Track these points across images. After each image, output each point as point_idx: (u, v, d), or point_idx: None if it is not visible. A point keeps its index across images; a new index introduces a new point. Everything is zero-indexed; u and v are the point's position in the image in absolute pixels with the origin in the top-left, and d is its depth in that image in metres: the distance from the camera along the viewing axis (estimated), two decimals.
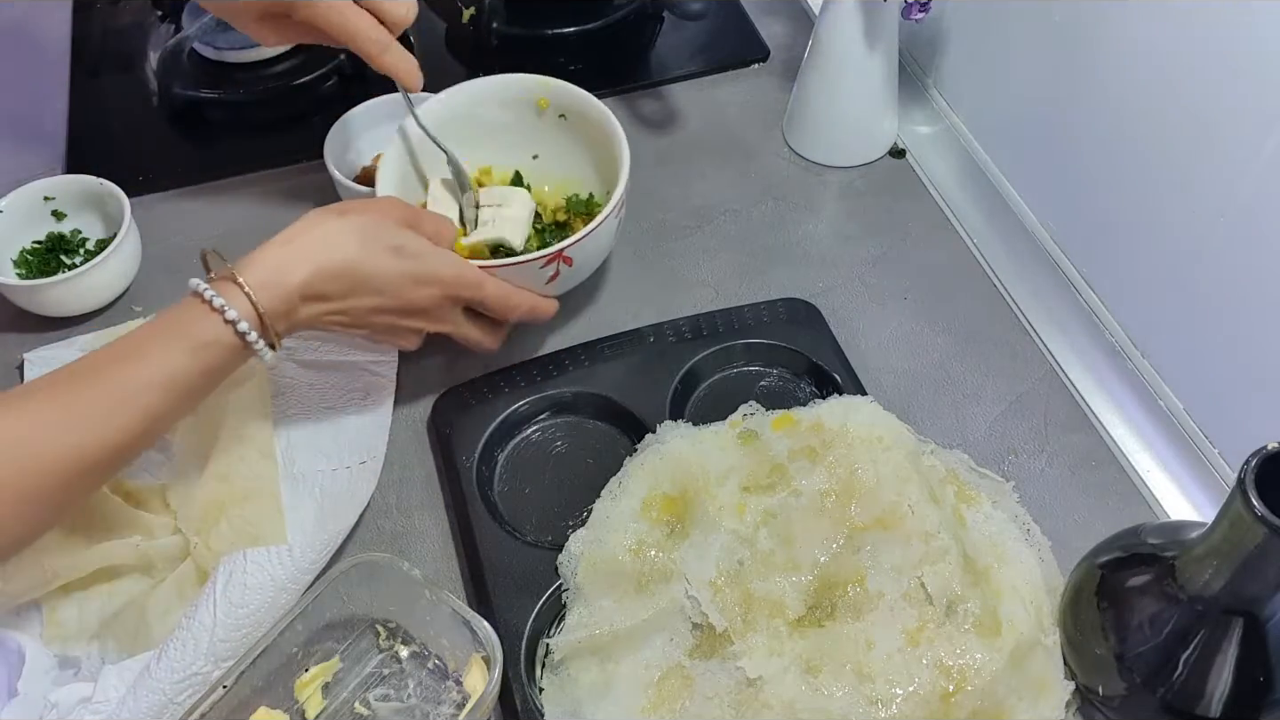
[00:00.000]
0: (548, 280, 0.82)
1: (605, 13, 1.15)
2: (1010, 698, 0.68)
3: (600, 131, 0.89)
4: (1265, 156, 0.72)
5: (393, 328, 0.78)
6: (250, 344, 0.69)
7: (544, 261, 0.80)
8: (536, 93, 0.92)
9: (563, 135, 0.93)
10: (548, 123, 0.93)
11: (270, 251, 0.70)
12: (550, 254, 0.80)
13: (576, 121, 0.92)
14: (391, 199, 0.79)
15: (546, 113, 0.92)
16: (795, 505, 0.74)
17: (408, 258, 0.74)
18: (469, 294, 0.78)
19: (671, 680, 0.70)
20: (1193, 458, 0.83)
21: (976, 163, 1.04)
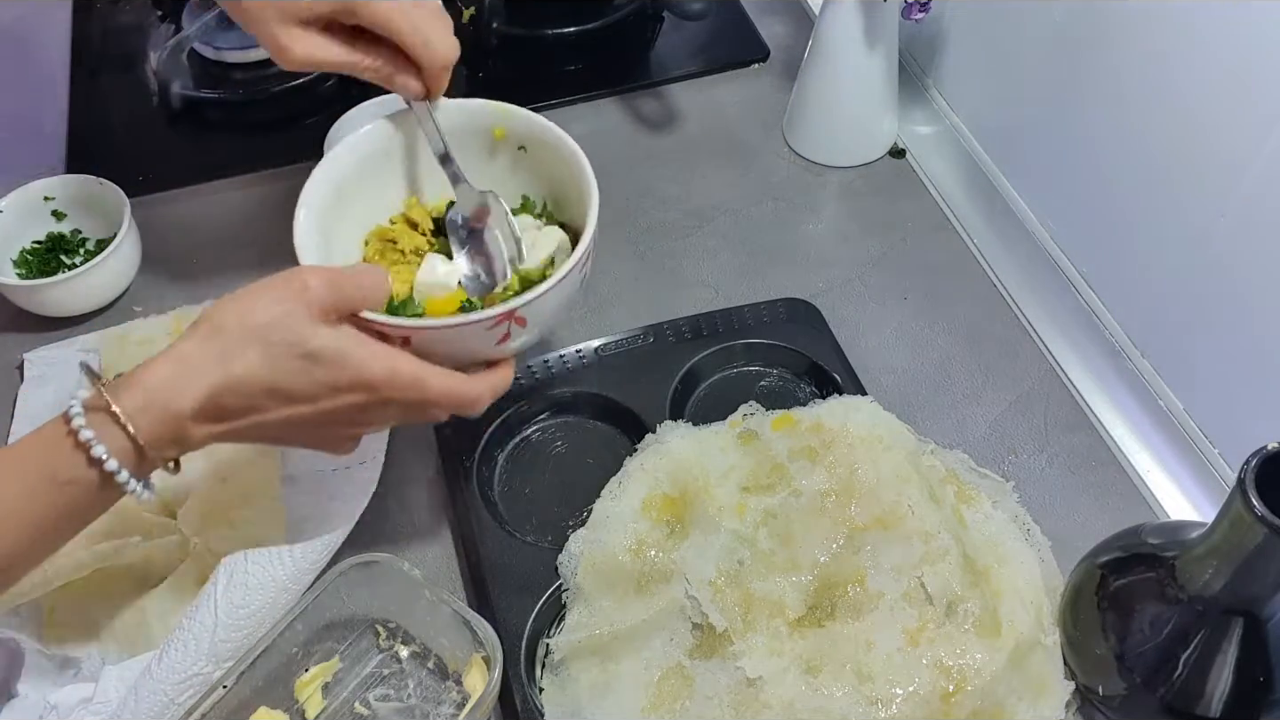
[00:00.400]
0: (496, 342, 0.67)
1: (605, 12, 1.15)
2: (1010, 698, 0.68)
3: (565, 169, 0.75)
4: (1265, 156, 0.72)
5: (318, 439, 0.66)
6: (120, 484, 0.58)
7: (492, 322, 0.65)
8: (492, 121, 0.79)
9: (521, 171, 0.79)
10: (504, 156, 0.80)
11: (156, 368, 0.59)
12: (499, 314, 0.65)
13: (538, 156, 0.78)
14: (304, 278, 0.61)
15: (502, 144, 0.79)
16: (795, 505, 0.74)
17: (323, 364, 0.60)
18: (405, 396, 0.64)
19: (671, 680, 0.70)
20: (1193, 458, 0.83)
21: (976, 163, 1.04)
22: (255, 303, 0.60)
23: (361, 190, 0.76)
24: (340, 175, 0.75)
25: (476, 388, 0.67)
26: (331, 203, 0.74)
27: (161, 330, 0.90)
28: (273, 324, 0.60)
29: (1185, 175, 0.79)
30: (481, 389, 0.67)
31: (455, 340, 0.66)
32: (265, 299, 0.60)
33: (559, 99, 1.11)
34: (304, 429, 0.63)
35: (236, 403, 0.60)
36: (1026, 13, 0.93)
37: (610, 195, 1.03)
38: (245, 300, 0.61)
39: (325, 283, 0.61)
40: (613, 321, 0.92)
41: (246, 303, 0.60)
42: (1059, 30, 0.89)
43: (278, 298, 0.60)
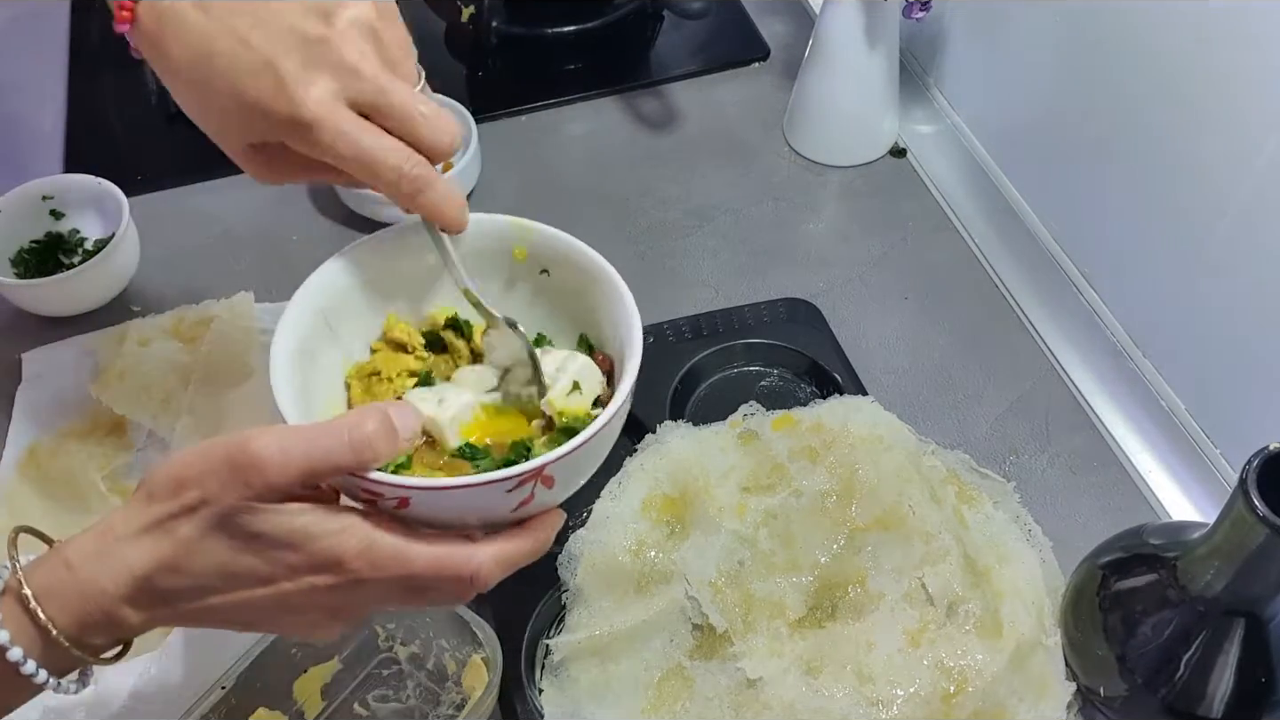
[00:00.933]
0: (516, 506, 0.54)
1: (605, 11, 1.15)
2: (1011, 699, 0.68)
3: (598, 296, 0.63)
4: (1266, 156, 0.71)
5: (287, 625, 0.55)
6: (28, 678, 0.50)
7: (514, 483, 0.52)
8: (511, 239, 0.66)
9: (543, 297, 0.67)
10: (524, 279, 0.67)
11: (81, 543, 0.51)
12: (524, 473, 0.52)
13: (564, 281, 0.65)
14: (254, 453, 0.48)
15: (523, 266, 0.67)
16: (796, 506, 0.74)
17: (278, 545, 0.50)
18: (384, 574, 0.52)
19: (671, 681, 0.70)
20: (1194, 458, 0.83)
21: (977, 162, 1.04)
22: (197, 473, 0.49)
23: (344, 320, 0.65)
24: (322, 305, 0.63)
25: (476, 559, 0.53)
26: (313, 337, 0.63)
27: (159, 330, 0.90)
28: (214, 501, 0.49)
29: (1186, 175, 0.79)
30: (482, 561, 0.53)
31: (465, 503, 0.54)
32: (209, 474, 0.49)
33: (559, 98, 1.11)
34: (265, 614, 0.52)
35: (176, 584, 0.50)
36: (1028, 12, 0.92)
37: (610, 195, 1.04)
38: (185, 468, 0.50)
39: (279, 460, 0.49)
40: None
41: (187, 471, 0.50)
42: (1060, 30, 0.89)
43: (221, 479, 0.49)
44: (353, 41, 0.56)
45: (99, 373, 0.87)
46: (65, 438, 0.83)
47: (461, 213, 0.62)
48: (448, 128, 0.59)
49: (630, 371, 0.59)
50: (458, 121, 0.61)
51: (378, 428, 0.51)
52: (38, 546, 0.54)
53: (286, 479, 0.49)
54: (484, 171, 1.02)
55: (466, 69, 1.16)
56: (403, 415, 0.52)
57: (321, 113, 0.55)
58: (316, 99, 0.55)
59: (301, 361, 0.61)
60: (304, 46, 0.55)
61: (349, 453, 0.50)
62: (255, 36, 0.56)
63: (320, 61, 0.56)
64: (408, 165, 0.58)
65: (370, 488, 0.52)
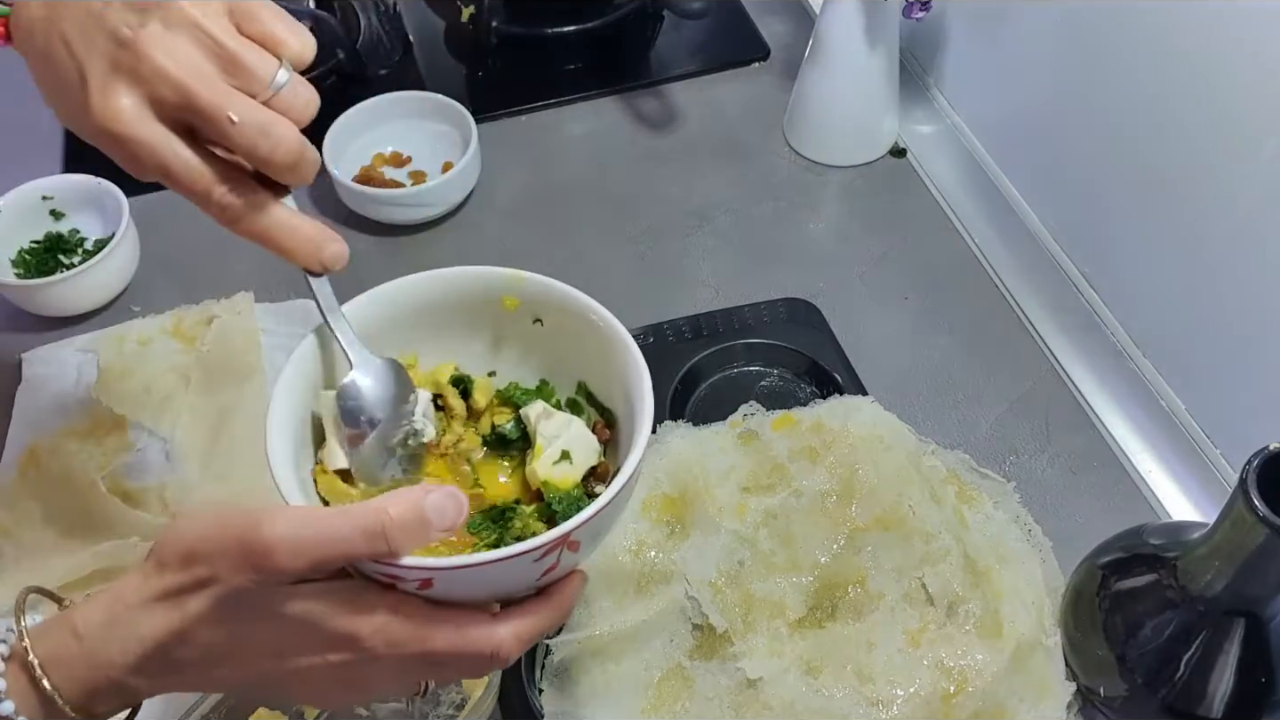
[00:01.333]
0: (541, 575, 0.52)
1: (605, 11, 1.15)
2: (1011, 699, 0.68)
3: (597, 343, 0.60)
4: (1266, 156, 0.71)
5: (302, 696, 0.55)
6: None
7: (541, 552, 0.50)
8: (500, 289, 0.61)
9: (538, 346, 0.63)
10: (515, 329, 0.63)
11: (91, 611, 0.50)
12: (551, 541, 0.50)
13: (559, 328, 0.62)
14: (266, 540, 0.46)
15: (513, 315, 0.63)
16: (796, 506, 0.74)
17: (292, 626, 0.48)
18: (401, 652, 0.50)
19: (671, 681, 0.70)
20: (1194, 458, 0.83)
21: (977, 162, 1.04)
22: (208, 548, 0.48)
23: None
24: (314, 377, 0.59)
25: (497, 636, 0.51)
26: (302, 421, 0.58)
27: (159, 330, 0.90)
28: (223, 580, 0.48)
29: (1187, 175, 0.79)
30: (504, 638, 0.51)
31: (491, 578, 0.51)
32: (220, 553, 0.47)
33: (559, 98, 1.11)
34: (276, 685, 0.51)
35: (187, 655, 0.49)
36: (1028, 11, 0.92)
37: (610, 195, 1.04)
38: (198, 540, 0.48)
39: (290, 547, 0.46)
40: None
41: (199, 545, 0.48)
42: (1060, 29, 0.89)
43: (232, 560, 0.47)
44: (162, 43, 0.50)
45: (99, 373, 0.87)
46: (65, 438, 0.83)
47: (310, 249, 0.55)
48: (271, 134, 0.52)
49: (645, 420, 0.55)
50: (293, 129, 0.53)
51: (402, 515, 0.47)
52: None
53: (297, 567, 0.47)
54: (484, 172, 1.02)
55: (466, 69, 1.16)
56: (440, 503, 0.48)
57: (122, 126, 0.51)
58: (116, 110, 0.51)
59: (304, 435, 0.58)
60: (113, 52, 0.51)
61: (364, 542, 0.47)
62: (76, 41, 0.52)
63: (123, 67, 0.51)
64: (216, 189, 0.52)
65: (389, 572, 0.49)
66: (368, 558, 0.47)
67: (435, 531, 0.48)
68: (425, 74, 1.15)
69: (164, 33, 0.51)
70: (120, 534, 0.76)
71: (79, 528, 0.77)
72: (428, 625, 0.49)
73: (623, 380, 0.59)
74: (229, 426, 0.82)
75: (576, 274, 0.94)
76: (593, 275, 0.95)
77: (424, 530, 0.47)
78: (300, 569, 0.47)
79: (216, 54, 0.51)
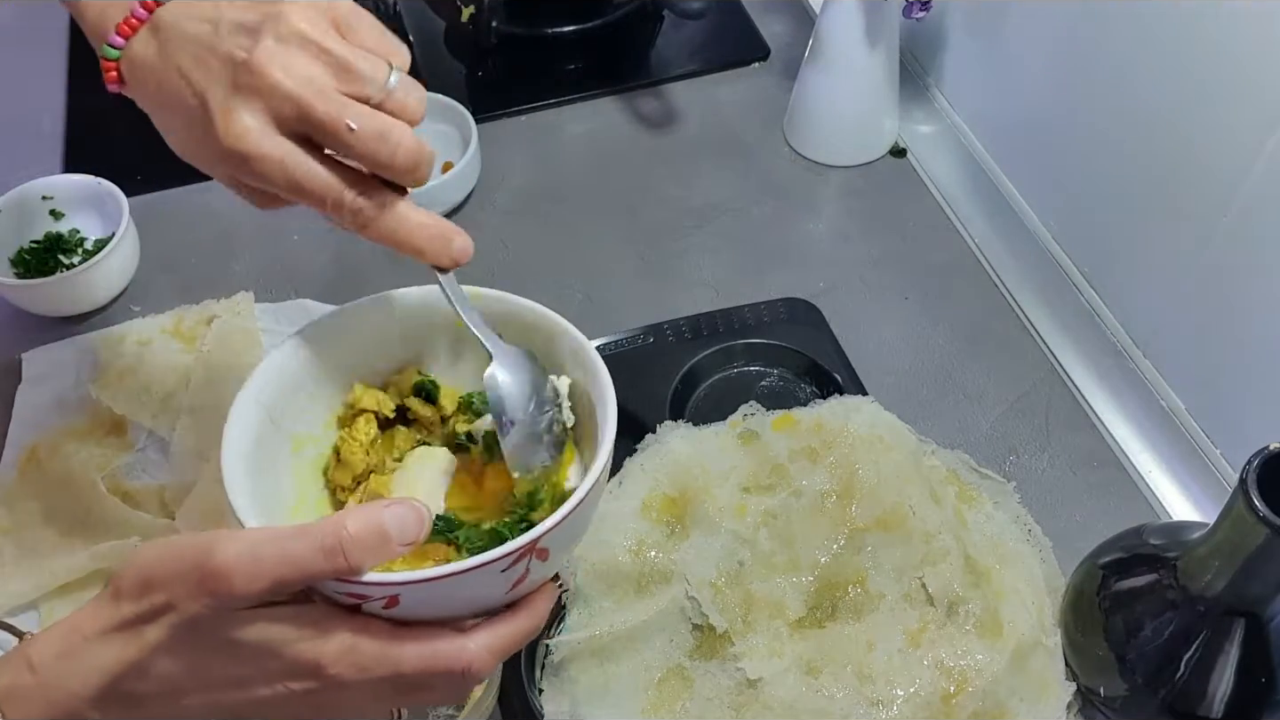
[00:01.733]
0: (511, 586, 0.51)
1: (605, 11, 1.15)
2: (1011, 699, 0.68)
3: (560, 354, 0.60)
4: (1267, 155, 0.71)
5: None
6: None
7: (509, 560, 0.49)
8: (447, 310, 0.59)
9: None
10: (473, 347, 0.62)
11: (46, 642, 0.48)
12: (519, 549, 0.49)
13: (518, 342, 0.60)
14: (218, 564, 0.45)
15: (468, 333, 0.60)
16: (796, 506, 0.74)
17: (250, 653, 0.47)
18: (369, 676, 0.48)
19: (671, 681, 0.70)
20: (1194, 458, 0.83)
21: (977, 162, 1.04)
22: (164, 574, 0.47)
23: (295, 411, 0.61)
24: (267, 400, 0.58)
25: (468, 651, 0.49)
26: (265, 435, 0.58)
27: (159, 330, 0.90)
28: (180, 607, 0.46)
29: (1187, 173, 0.79)
30: (475, 652, 0.49)
31: (459, 591, 0.49)
32: (175, 578, 0.46)
33: (559, 98, 1.11)
34: (243, 716, 0.49)
35: (146, 688, 0.48)
36: (1028, 11, 0.92)
37: (610, 195, 1.04)
38: (153, 567, 0.47)
39: (246, 569, 0.45)
40: (613, 321, 0.91)
41: (154, 572, 0.47)
42: (1060, 29, 0.89)
43: (188, 586, 0.46)
44: (275, 58, 0.52)
45: (99, 373, 0.87)
46: (65, 438, 0.83)
47: (441, 245, 0.55)
48: (389, 139, 0.52)
49: (609, 424, 0.55)
50: (409, 131, 0.54)
51: (360, 531, 0.46)
52: None
53: (254, 590, 0.45)
54: (484, 172, 1.02)
55: (466, 69, 1.16)
56: (400, 516, 0.47)
57: (250, 143, 0.52)
58: (242, 128, 0.52)
59: (260, 459, 0.57)
60: (230, 73, 0.52)
61: (323, 560, 0.45)
62: (192, 70, 0.53)
63: (243, 87, 0.52)
64: (346, 196, 0.53)
65: (352, 591, 0.47)
66: (329, 576, 0.46)
67: (397, 546, 0.47)
68: (425, 74, 1.15)
69: (277, 48, 0.52)
70: (120, 534, 0.76)
71: (79, 528, 0.77)
72: (394, 645, 0.48)
73: (585, 386, 0.59)
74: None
75: (576, 274, 0.96)
76: (593, 275, 0.96)
77: (385, 545, 0.46)
78: (258, 592, 0.46)
79: (329, 62, 0.52)
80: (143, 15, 0.55)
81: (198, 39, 0.53)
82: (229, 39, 0.52)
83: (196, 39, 0.53)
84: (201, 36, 0.53)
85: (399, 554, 0.47)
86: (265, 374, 0.58)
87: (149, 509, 0.79)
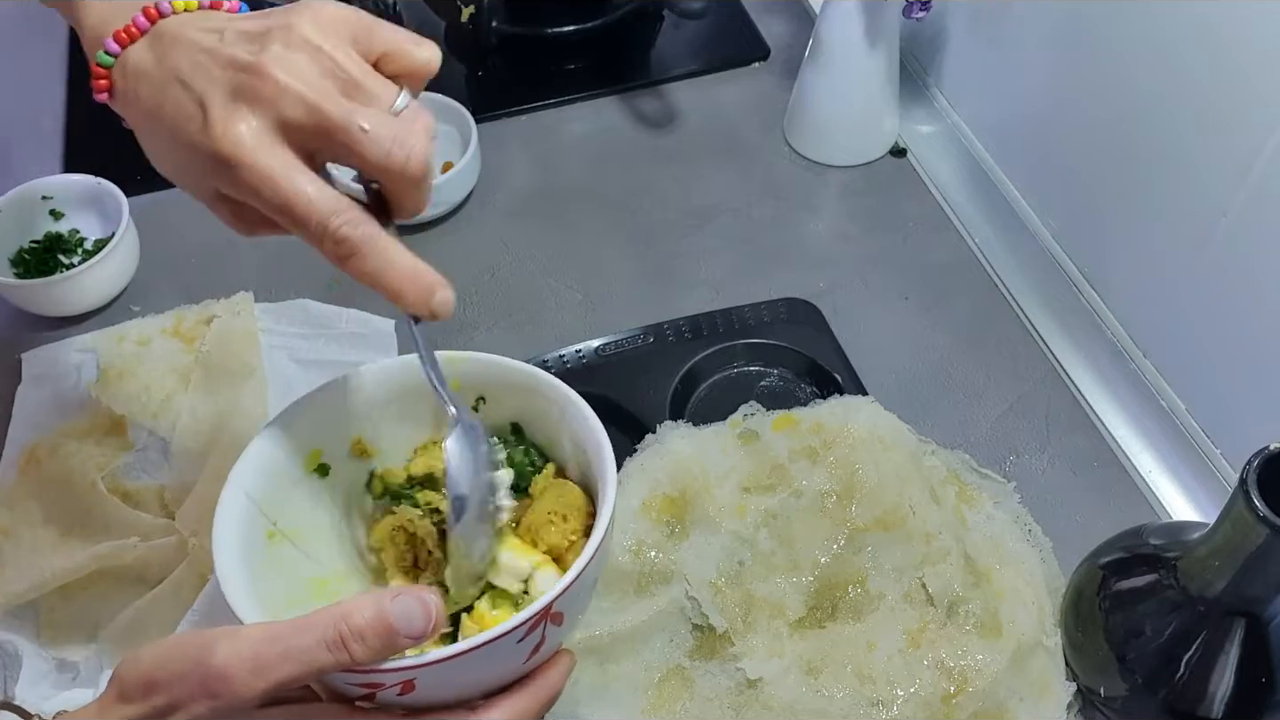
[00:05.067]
0: (527, 656, 0.50)
1: (605, 11, 1.15)
2: (1012, 699, 0.68)
3: (553, 414, 0.59)
4: (1267, 155, 0.71)
5: None
6: None
7: (526, 628, 0.48)
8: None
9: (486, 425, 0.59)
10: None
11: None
12: (534, 616, 0.48)
13: (505, 405, 0.61)
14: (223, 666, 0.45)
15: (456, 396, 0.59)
16: (796, 506, 0.74)
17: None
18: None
19: (671, 681, 0.70)
20: (1195, 458, 0.83)
21: (978, 162, 1.04)
22: (167, 675, 0.46)
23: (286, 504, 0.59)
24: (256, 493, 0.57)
25: None
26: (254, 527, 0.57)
27: (159, 330, 0.90)
28: (183, 709, 0.46)
29: (1187, 174, 0.79)
30: None
31: (477, 668, 0.48)
32: (178, 680, 0.46)
33: (559, 98, 1.11)
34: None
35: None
36: (1028, 11, 0.92)
37: (610, 195, 1.04)
38: (156, 668, 0.46)
39: (247, 670, 0.44)
40: (613, 321, 0.91)
41: (157, 673, 0.46)
42: (1060, 29, 0.89)
43: (189, 687, 0.45)
44: (284, 62, 0.49)
45: (99, 373, 0.87)
46: (65, 438, 0.83)
47: (421, 294, 0.51)
48: (405, 143, 0.50)
49: (609, 479, 0.53)
50: (424, 136, 0.51)
51: (364, 624, 0.45)
52: None
53: (256, 690, 0.44)
54: (484, 171, 1.02)
55: (466, 69, 1.16)
56: (406, 608, 0.45)
57: (241, 150, 0.48)
58: (237, 135, 0.49)
59: (252, 549, 0.56)
60: (233, 76, 0.50)
61: (326, 654, 0.44)
62: (192, 76, 0.50)
63: (245, 90, 0.49)
64: (336, 220, 0.49)
65: (366, 680, 0.46)
66: (334, 670, 0.45)
67: (403, 639, 0.45)
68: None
69: (285, 53, 0.49)
70: (120, 534, 0.76)
71: (79, 528, 0.77)
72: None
73: (580, 444, 0.57)
74: (229, 426, 0.82)
75: (576, 274, 0.96)
76: (593, 275, 0.96)
77: (390, 639, 0.45)
78: (261, 692, 0.44)
79: (337, 76, 0.50)
80: (144, 24, 0.53)
81: (201, 46, 0.51)
82: (234, 45, 0.50)
83: (199, 46, 0.51)
84: (205, 44, 0.51)
85: (405, 647, 0.46)
86: (248, 462, 0.57)
87: (149, 509, 0.79)
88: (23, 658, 0.71)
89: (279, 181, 0.49)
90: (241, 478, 0.57)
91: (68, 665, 0.72)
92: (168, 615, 0.73)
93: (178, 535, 0.76)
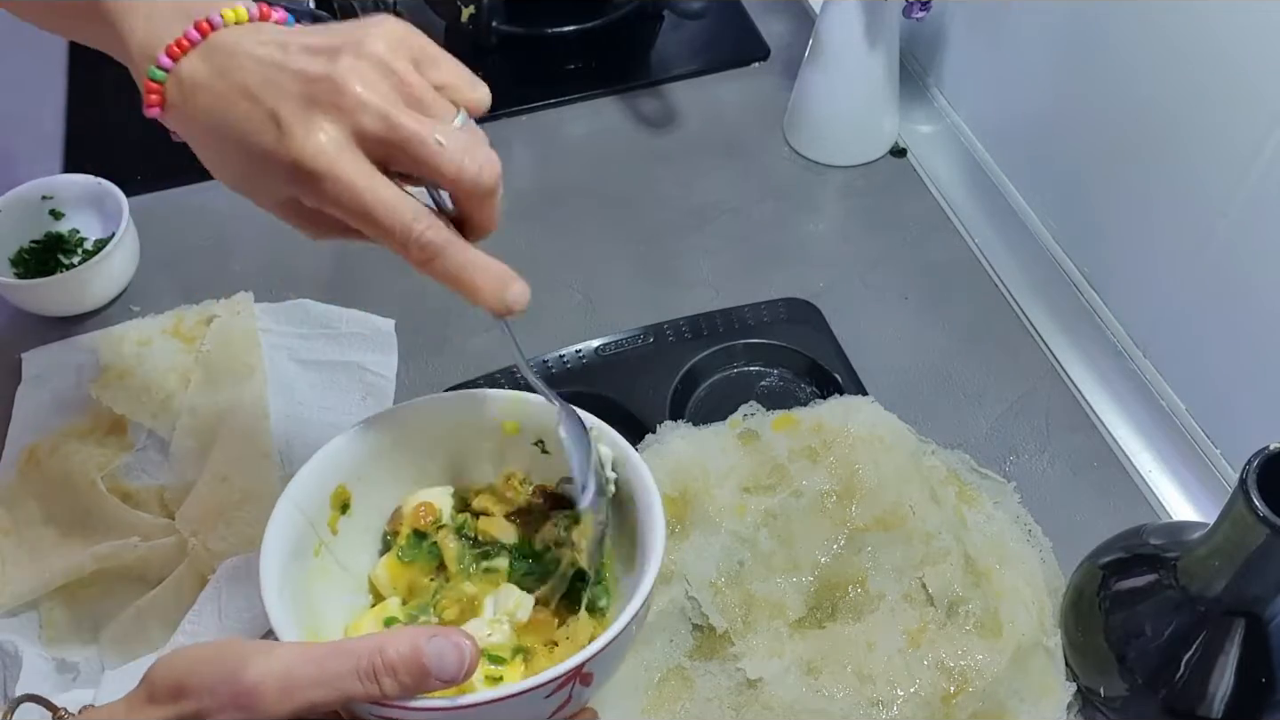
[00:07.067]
0: (553, 712, 0.51)
1: (605, 11, 1.15)
2: (1011, 699, 0.68)
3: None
4: (1267, 155, 0.71)
5: None
6: None
7: (554, 685, 0.48)
8: (499, 413, 0.61)
9: (538, 471, 0.63)
10: (517, 454, 0.63)
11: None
12: (564, 674, 0.48)
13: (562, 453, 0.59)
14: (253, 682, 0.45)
15: (515, 439, 0.62)
16: (796, 506, 0.74)
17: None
18: None
19: (671, 681, 0.70)
20: (1194, 458, 0.83)
21: (977, 162, 1.04)
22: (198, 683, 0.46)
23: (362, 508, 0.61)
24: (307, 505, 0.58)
25: None
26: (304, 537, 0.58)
27: (159, 330, 0.90)
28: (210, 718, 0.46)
29: (1187, 174, 0.79)
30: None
31: (502, 717, 0.49)
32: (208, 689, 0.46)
33: (559, 98, 1.11)
34: None
35: None
36: (1028, 11, 0.92)
37: (610, 195, 1.04)
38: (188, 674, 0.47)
39: (277, 690, 0.45)
40: (613, 321, 0.91)
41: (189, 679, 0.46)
42: (1060, 29, 0.89)
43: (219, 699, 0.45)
44: (358, 75, 0.50)
45: (99, 373, 0.87)
46: (65, 438, 0.83)
47: (497, 288, 0.54)
48: (476, 156, 0.51)
49: (658, 538, 0.54)
50: (491, 151, 0.53)
51: (398, 659, 0.45)
52: None
53: (286, 709, 0.45)
54: None
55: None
56: (441, 651, 0.46)
57: (323, 160, 0.50)
58: (317, 145, 0.50)
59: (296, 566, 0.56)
60: (305, 88, 0.50)
61: (357, 683, 0.45)
62: (262, 89, 0.51)
63: (321, 101, 0.50)
64: (419, 225, 0.51)
65: (390, 715, 0.46)
66: (363, 700, 0.45)
67: (434, 681, 0.46)
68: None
69: (357, 64, 0.50)
70: (120, 534, 0.76)
71: (79, 528, 0.77)
72: None
73: (632, 494, 0.58)
74: (229, 426, 0.82)
75: (576, 274, 0.96)
76: (592, 275, 0.96)
77: (421, 678, 0.45)
78: (290, 711, 0.45)
79: (404, 92, 0.51)
80: (196, 38, 0.52)
81: (266, 59, 0.51)
82: (301, 58, 0.51)
83: (264, 59, 0.51)
84: (270, 57, 0.51)
85: (435, 688, 0.46)
86: (305, 478, 0.58)
87: (149, 509, 0.79)
88: (23, 658, 0.71)
89: (362, 190, 0.50)
90: (295, 490, 0.57)
91: (68, 665, 0.72)
92: (168, 615, 0.73)
93: (178, 535, 0.76)
